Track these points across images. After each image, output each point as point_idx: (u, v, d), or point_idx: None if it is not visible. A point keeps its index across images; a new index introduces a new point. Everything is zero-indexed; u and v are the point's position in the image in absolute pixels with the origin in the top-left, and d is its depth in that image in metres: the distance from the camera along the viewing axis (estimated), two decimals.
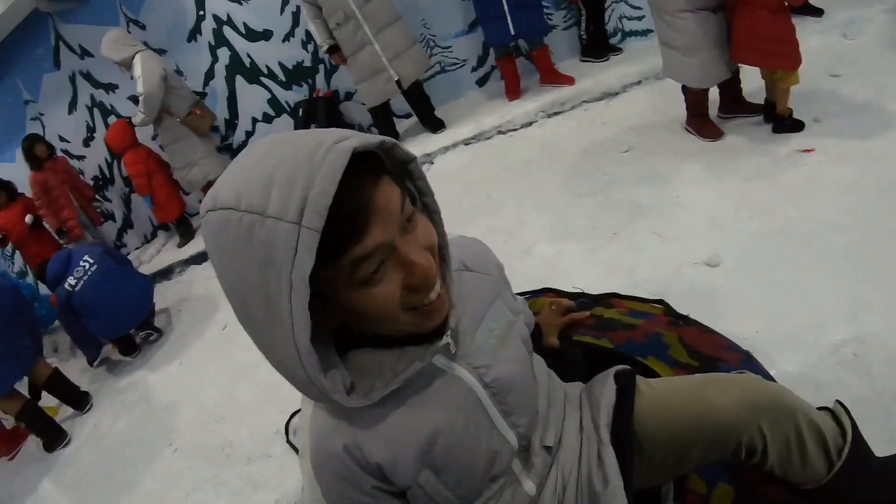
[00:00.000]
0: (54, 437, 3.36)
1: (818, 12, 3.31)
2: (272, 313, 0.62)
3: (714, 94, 2.89)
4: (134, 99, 4.38)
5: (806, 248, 2.00)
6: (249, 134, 5.03)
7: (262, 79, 4.75)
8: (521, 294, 1.55)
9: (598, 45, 4.11)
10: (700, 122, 2.91)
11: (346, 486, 0.78)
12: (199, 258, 4.81)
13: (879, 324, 1.65)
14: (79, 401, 3.61)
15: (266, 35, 4.56)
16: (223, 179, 0.65)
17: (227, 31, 4.58)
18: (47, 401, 3.75)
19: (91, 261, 3.61)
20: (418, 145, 4.13)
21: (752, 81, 2.81)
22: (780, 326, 1.77)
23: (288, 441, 2.29)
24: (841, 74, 2.88)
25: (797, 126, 2.61)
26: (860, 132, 2.43)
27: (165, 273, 4.97)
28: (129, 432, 3.12)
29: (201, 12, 4.55)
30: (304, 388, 0.69)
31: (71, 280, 3.54)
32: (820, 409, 1.00)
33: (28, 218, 4.83)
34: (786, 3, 2.41)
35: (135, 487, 2.63)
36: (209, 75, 4.81)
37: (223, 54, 4.69)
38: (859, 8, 3.25)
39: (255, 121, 4.95)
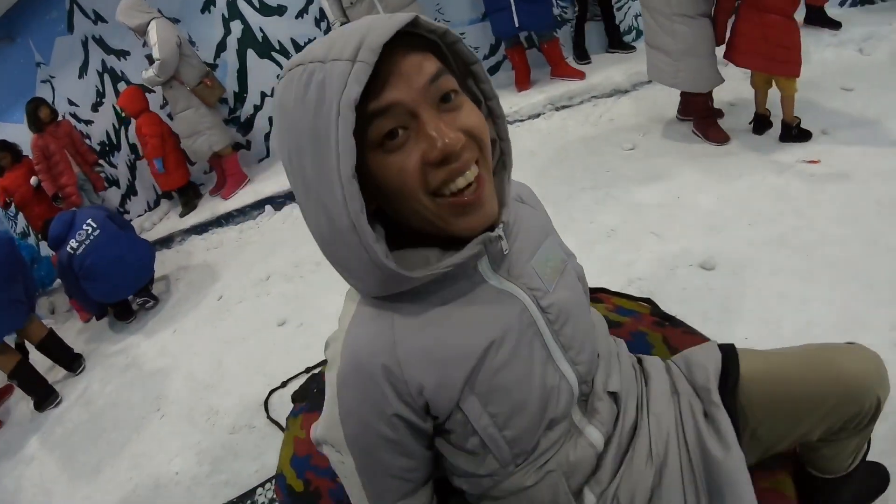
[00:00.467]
0: (45, 397, 3.37)
1: (836, 25, 3.28)
2: (320, 149, 0.64)
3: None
4: (149, 58, 4.35)
5: (804, 259, 2.00)
6: (257, 108, 5.02)
7: (274, 54, 4.74)
8: None
9: (583, 47, 4.14)
10: (706, 126, 2.89)
11: (367, 409, 0.74)
12: (201, 228, 4.82)
13: (874, 340, 1.60)
14: (71, 362, 3.62)
15: (280, 10, 4.55)
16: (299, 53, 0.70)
17: (241, 4, 4.56)
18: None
19: (94, 225, 3.61)
20: None
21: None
22: (770, 334, 1.76)
23: (268, 416, 2.33)
24: (853, 88, 2.87)
25: (804, 136, 2.59)
26: (868, 147, 2.42)
27: (166, 241, 4.99)
28: (119, 395, 3.14)
29: None
30: (346, 245, 0.68)
31: (73, 243, 3.54)
32: None
33: (33, 180, 4.81)
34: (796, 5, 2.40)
35: (120, 450, 2.65)
36: (221, 47, 4.80)
37: (236, 27, 4.67)
38: (877, 24, 3.24)
39: (263, 95, 4.94)
